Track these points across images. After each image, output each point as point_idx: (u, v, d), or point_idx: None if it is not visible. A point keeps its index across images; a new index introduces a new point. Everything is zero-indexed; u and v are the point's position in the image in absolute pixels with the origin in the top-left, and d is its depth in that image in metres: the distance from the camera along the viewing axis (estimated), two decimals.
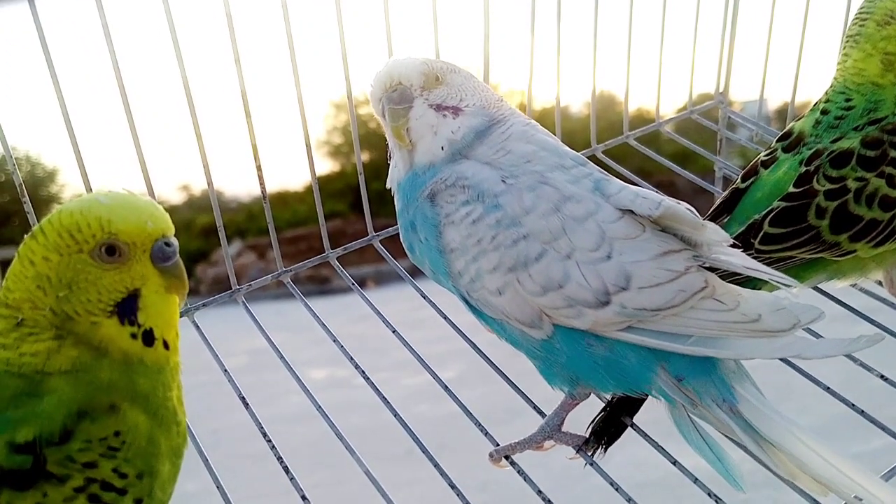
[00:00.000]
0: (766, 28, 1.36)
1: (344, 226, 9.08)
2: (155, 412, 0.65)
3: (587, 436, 0.86)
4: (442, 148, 0.85)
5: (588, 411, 0.88)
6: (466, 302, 0.85)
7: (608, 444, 0.86)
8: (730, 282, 0.84)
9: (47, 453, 0.58)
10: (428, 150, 0.86)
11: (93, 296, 0.63)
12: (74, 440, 0.59)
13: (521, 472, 0.86)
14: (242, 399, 0.95)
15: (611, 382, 0.80)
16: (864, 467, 0.73)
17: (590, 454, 0.85)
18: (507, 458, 0.87)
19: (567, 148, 0.88)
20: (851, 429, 0.94)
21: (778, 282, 0.80)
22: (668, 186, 1.55)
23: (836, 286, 1.01)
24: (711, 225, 0.81)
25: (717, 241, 0.80)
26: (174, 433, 0.67)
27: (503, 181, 0.81)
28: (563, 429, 0.86)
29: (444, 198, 0.82)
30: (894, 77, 0.97)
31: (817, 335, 0.90)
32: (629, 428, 0.87)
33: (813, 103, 1.04)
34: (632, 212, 0.80)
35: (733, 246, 0.82)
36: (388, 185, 0.93)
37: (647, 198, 0.80)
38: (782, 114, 1.39)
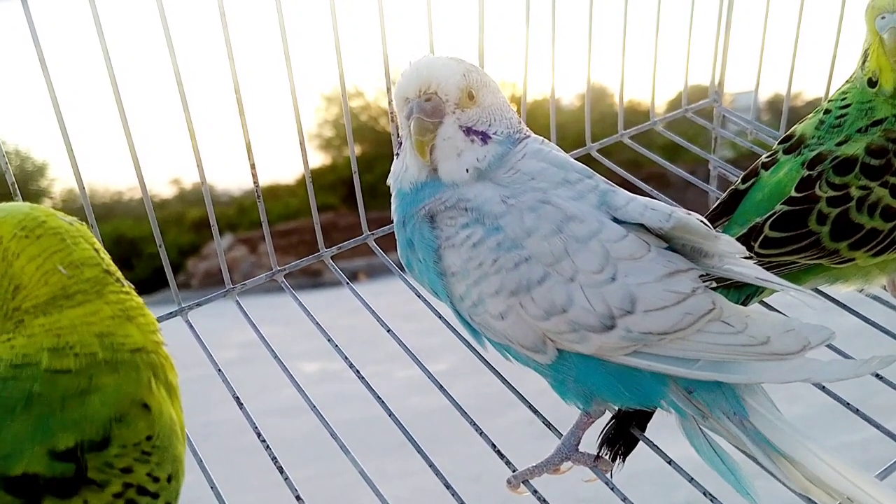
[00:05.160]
0: (761, 21, 1.36)
1: (336, 219, 9.04)
2: (169, 384, 0.66)
3: (598, 445, 0.84)
4: (467, 171, 0.81)
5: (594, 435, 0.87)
6: (468, 325, 0.83)
7: (624, 455, 0.84)
8: (720, 286, 0.83)
9: (88, 458, 0.58)
10: (450, 171, 0.81)
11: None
12: (112, 445, 0.59)
13: (510, 464, 0.85)
14: (236, 399, 0.95)
15: (625, 395, 0.78)
16: (878, 480, 0.73)
17: (608, 473, 0.83)
18: (525, 482, 0.84)
19: (574, 161, 0.85)
20: (843, 418, 0.95)
21: (792, 291, 0.79)
22: (660, 178, 1.56)
23: (840, 290, 1.00)
24: (725, 236, 0.79)
25: (730, 253, 0.79)
26: (178, 406, 0.67)
27: (504, 202, 0.78)
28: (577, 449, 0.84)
29: (444, 220, 0.80)
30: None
31: None
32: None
33: (805, 95, 1.04)
34: (640, 225, 0.78)
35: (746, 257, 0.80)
36: (388, 182, 0.88)
37: (657, 209, 0.77)
38: (774, 104, 1.40)
